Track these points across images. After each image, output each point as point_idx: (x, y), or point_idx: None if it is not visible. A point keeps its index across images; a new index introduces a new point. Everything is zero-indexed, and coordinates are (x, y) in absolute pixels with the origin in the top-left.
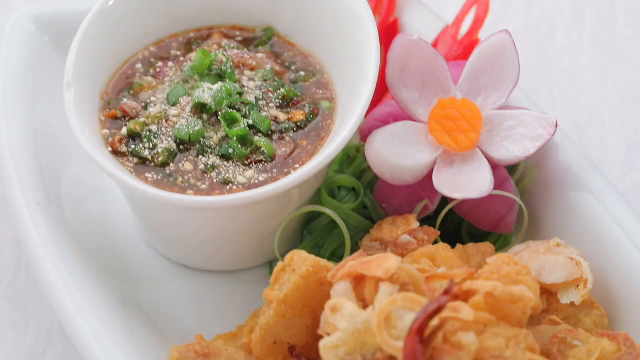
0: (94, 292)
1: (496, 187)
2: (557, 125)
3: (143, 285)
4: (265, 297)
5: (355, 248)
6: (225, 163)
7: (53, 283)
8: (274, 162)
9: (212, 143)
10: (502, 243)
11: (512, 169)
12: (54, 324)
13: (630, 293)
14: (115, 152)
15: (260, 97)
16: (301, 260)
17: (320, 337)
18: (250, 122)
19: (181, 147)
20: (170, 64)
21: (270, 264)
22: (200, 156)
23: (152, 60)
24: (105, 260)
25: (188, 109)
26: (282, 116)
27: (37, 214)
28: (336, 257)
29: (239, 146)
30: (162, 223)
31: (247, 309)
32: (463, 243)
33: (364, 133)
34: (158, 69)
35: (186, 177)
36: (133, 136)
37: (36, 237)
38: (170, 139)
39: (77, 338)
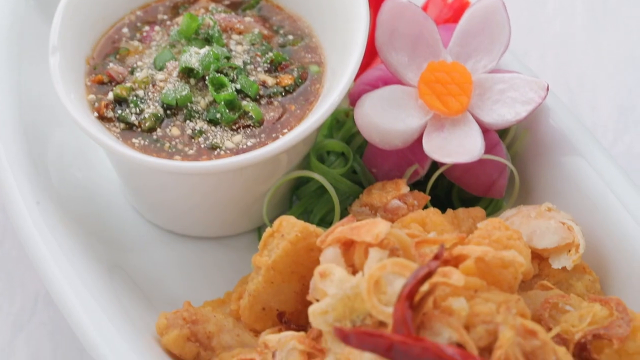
0: (80, 258)
1: (487, 151)
2: (548, 89)
3: (130, 252)
4: (253, 263)
5: (344, 213)
6: (213, 128)
7: (39, 250)
8: (262, 126)
9: (200, 108)
10: (493, 208)
11: (503, 133)
12: (40, 291)
13: (622, 257)
14: (102, 118)
15: (248, 61)
16: (290, 226)
17: (309, 303)
18: (238, 86)
19: (168, 112)
20: (156, 28)
21: (259, 230)
22: (188, 121)
23: (139, 24)
24: (92, 227)
25: (175, 73)
26: (270, 80)
27: (23, 180)
28: (325, 222)
29: (227, 111)
30: (149, 189)
31: (235, 276)
32: (453, 208)
33: (353, 97)
34: (144, 33)
35: (173, 143)
36: (119, 101)
37: (21, 203)
38: (157, 104)
39: (64, 305)
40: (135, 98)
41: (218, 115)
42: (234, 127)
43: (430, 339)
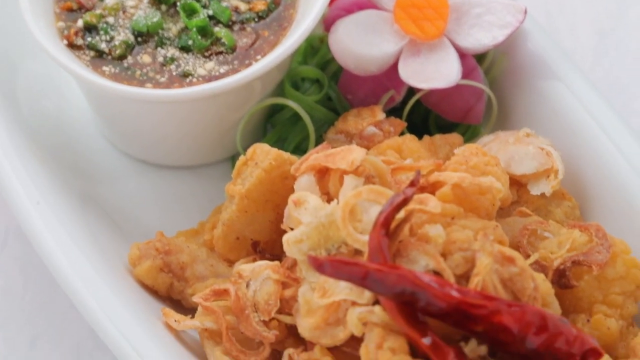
0: (52, 189)
1: (464, 76)
2: (526, 12)
3: (102, 183)
4: (227, 192)
5: (319, 141)
6: (185, 55)
7: (9, 181)
8: (234, 53)
9: (171, 35)
10: (470, 134)
11: (480, 57)
12: (10, 224)
13: (601, 183)
14: (71, 45)
15: None
16: (264, 154)
17: (284, 232)
18: (210, 12)
19: (139, 39)
20: None
21: (233, 159)
22: (159, 48)
23: None
24: (63, 158)
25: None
26: (242, 6)
27: None
28: (300, 150)
29: (199, 37)
30: (121, 118)
31: (209, 205)
32: (430, 134)
33: (327, 22)
34: None
35: (144, 70)
36: (89, 28)
37: None
38: (127, 31)
39: (35, 237)
40: (105, 25)
41: (190, 42)
42: (206, 54)
43: (406, 266)
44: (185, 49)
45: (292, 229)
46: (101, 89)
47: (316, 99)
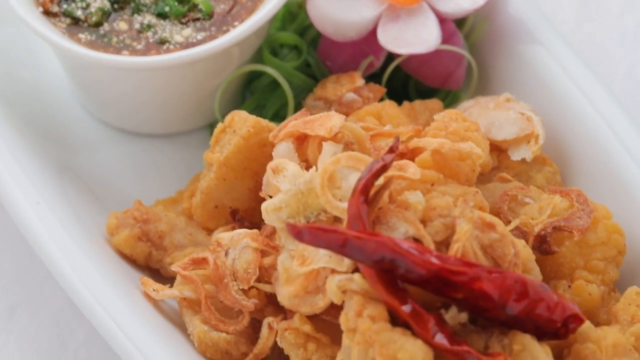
0: (29, 159)
1: (444, 41)
2: None
3: (79, 151)
4: (205, 159)
5: (298, 108)
6: (162, 22)
7: None
8: (212, 19)
9: (148, 1)
10: (450, 100)
11: (460, 22)
12: None
13: (582, 148)
14: (47, 13)
15: None
16: (242, 121)
17: (263, 200)
18: None
19: (115, 5)
20: None
21: (211, 126)
22: (136, 15)
23: None
24: (40, 127)
25: None
26: None
27: None
28: (279, 117)
29: (176, 4)
30: (98, 86)
31: (187, 174)
32: (410, 100)
33: None
34: None
35: (121, 37)
36: None
37: None
38: None
39: (11, 206)
40: None
41: (167, 9)
42: (183, 20)
43: (385, 233)
44: (162, 15)
45: (270, 197)
46: (77, 57)
47: (295, 66)
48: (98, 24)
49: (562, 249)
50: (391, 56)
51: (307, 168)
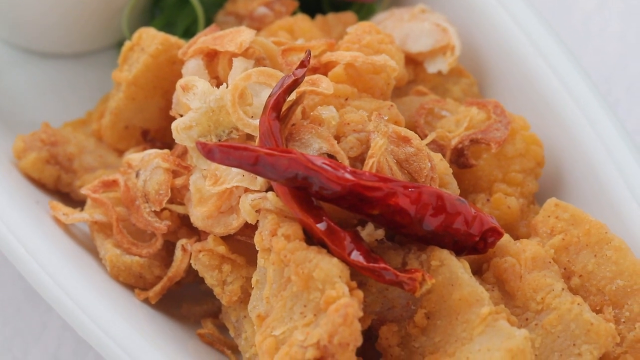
0: None
1: None
2: None
3: None
4: (113, 79)
5: (209, 24)
6: None
7: None
8: None
9: None
10: (365, 13)
11: None
12: None
13: (499, 59)
14: None
15: None
16: (150, 39)
17: (174, 119)
18: None
19: None
20: None
21: (120, 45)
22: None
23: None
24: None
25: None
26: None
27: None
28: (189, 34)
29: None
30: (5, 6)
31: (96, 95)
32: (324, 14)
33: None
34: None
35: None
36: None
37: None
38: None
39: None
40: None
41: None
42: None
43: (299, 150)
44: None
45: (181, 116)
46: None
47: None
48: None
49: (479, 161)
50: None
51: (218, 85)
